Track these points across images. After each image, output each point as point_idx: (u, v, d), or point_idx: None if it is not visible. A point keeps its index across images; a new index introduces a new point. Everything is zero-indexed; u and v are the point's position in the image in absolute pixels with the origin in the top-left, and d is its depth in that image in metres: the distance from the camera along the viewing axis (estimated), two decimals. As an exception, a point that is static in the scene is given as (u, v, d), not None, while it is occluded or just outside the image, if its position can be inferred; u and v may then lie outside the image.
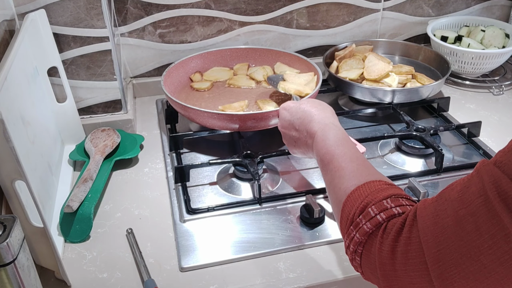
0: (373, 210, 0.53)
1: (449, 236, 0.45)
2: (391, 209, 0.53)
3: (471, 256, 0.44)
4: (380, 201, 0.53)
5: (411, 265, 0.48)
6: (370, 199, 0.54)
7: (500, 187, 0.42)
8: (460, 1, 1.39)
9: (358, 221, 0.54)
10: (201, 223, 0.84)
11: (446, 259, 0.45)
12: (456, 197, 0.46)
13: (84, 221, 0.81)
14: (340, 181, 0.60)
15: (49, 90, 0.97)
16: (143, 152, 1.03)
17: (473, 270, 0.44)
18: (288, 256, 0.77)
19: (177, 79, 1.16)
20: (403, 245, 0.49)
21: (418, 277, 0.48)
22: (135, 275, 0.75)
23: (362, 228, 0.53)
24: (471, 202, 0.44)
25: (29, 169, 0.73)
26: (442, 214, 0.46)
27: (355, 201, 0.56)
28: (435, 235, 0.46)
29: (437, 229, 0.46)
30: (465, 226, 0.44)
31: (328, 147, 0.66)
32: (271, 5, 1.24)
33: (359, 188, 0.56)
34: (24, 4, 0.91)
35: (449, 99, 1.15)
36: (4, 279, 0.57)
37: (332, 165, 0.64)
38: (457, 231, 0.45)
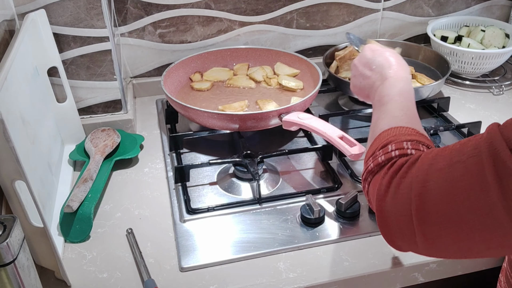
0: (392, 147, 0.58)
1: (437, 178, 0.49)
2: (407, 149, 0.57)
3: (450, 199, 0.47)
4: (401, 142, 0.58)
5: (399, 198, 0.52)
6: (394, 139, 0.60)
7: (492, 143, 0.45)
8: (460, 1, 1.39)
9: (377, 154, 0.59)
10: (201, 223, 0.84)
11: (428, 197, 0.49)
12: (457, 147, 0.50)
13: (84, 221, 0.81)
14: (382, 121, 0.66)
15: (49, 90, 0.97)
16: (143, 152, 1.03)
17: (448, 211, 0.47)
18: (288, 256, 0.77)
19: (177, 79, 1.16)
20: (398, 178, 0.53)
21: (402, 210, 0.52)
22: (135, 275, 0.75)
23: (377, 159, 0.59)
24: (466, 152, 0.48)
25: (29, 169, 0.73)
26: (440, 159, 0.50)
27: (382, 138, 0.61)
28: (426, 174, 0.50)
29: (430, 169, 0.50)
30: (453, 171, 0.47)
31: (390, 92, 0.71)
32: (271, 5, 1.24)
33: (391, 129, 0.62)
34: (24, 4, 0.91)
35: (449, 99, 1.15)
36: (4, 279, 0.57)
37: (385, 108, 0.69)
38: (445, 175, 0.48)
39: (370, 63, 0.79)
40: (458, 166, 0.47)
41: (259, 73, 1.18)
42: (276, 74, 1.18)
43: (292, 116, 0.95)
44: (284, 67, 1.19)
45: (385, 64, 0.77)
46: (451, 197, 0.47)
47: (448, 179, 0.48)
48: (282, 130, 0.98)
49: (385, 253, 0.78)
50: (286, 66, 1.19)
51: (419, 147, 0.58)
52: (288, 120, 0.94)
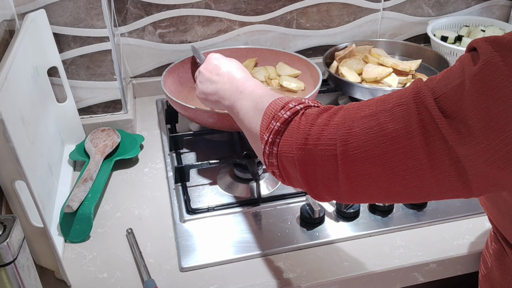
0: (293, 103, 0.60)
1: (362, 124, 0.52)
2: (309, 103, 0.60)
3: (375, 143, 0.50)
4: (299, 99, 0.61)
5: (323, 141, 0.54)
6: (290, 99, 0.61)
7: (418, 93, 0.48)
8: (460, 1, 1.39)
9: (280, 114, 0.60)
10: (201, 223, 0.84)
11: (353, 140, 0.52)
12: (382, 97, 0.53)
13: (84, 221, 0.81)
14: (263, 98, 0.66)
15: (49, 90, 0.97)
16: (143, 152, 1.03)
17: (373, 154, 0.50)
18: (288, 256, 0.77)
19: (177, 79, 1.16)
20: (321, 125, 0.55)
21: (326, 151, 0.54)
22: (135, 275, 0.75)
23: (282, 117, 0.59)
24: (391, 101, 0.51)
25: (29, 169, 0.73)
26: (365, 108, 0.53)
27: (277, 103, 0.61)
28: (351, 121, 0.53)
29: (355, 117, 0.53)
30: (379, 118, 0.50)
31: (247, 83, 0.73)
32: (271, 5, 1.24)
33: (280, 98, 0.63)
34: (24, 4, 0.91)
35: (449, 99, 1.15)
36: (4, 279, 0.57)
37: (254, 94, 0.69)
38: (370, 122, 0.51)
39: (217, 68, 0.81)
40: (384, 114, 0.50)
41: (261, 73, 1.18)
42: (278, 75, 1.18)
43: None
44: (286, 67, 1.19)
45: (232, 68, 0.79)
46: (376, 141, 0.50)
47: (373, 126, 0.50)
48: (282, 130, 0.98)
49: (385, 253, 0.78)
50: (288, 67, 1.19)
51: (319, 104, 0.61)
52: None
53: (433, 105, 0.47)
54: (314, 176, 0.56)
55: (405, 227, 0.82)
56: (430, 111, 0.47)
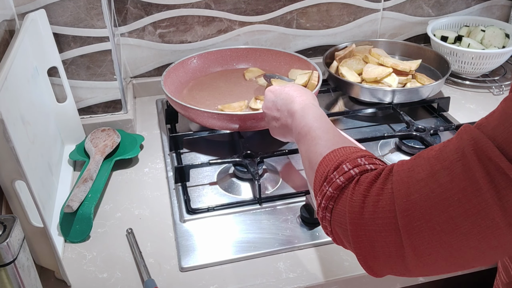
0: (347, 166, 0.54)
1: (421, 188, 0.46)
2: (365, 165, 0.54)
3: (440, 208, 0.45)
4: (355, 159, 0.55)
5: (380, 213, 0.49)
6: (345, 158, 0.56)
7: (476, 144, 0.44)
8: (460, 1, 1.39)
9: (332, 177, 0.55)
10: (201, 223, 0.84)
11: (415, 209, 0.46)
12: (434, 154, 0.47)
13: (84, 221, 0.81)
14: (316, 147, 0.62)
15: (49, 90, 0.97)
16: (143, 152, 1.03)
17: (440, 221, 0.45)
18: (288, 256, 0.77)
19: (177, 79, 1.16)
20: (374, 195, 0.50)
21: (386, 225, 0.48)
22: (135, 275, 0.75)
23: (335, 182, 0.54)
24: (447, 158, 0.46)
25: (29, 169, 0.73)
26: (418, 169, 0.48)
27: (330, 161, 0.57)
28: (407, 187, 0.47)
29: (411, 181, 0.47)
30: (438, 179, 0.45)
31: (306, 121, 0.69)
32: (271, 5, 1.24)
33: (334, 151, 0.58)
34: (24, 4, 0.91)
35: (449, 99, 1.15)
36: (4, 279, 0.57)
37: (309, 136, 0.66)
38: (430, 184, 0.46)
39: (275, 104, 0.80)
40: (443, 173, 0.45)
41: None
42: None
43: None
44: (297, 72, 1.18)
45: (288, 99, 0.77)
46: (441, 205, 0.45)
47: (435, 188, 0.45)
48: (282, 130, 0.98)
49: (385, 253, 0.78)
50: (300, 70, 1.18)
51: (374, 161, 0.55)
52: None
53: (498, 155, 0.42)
54: (373, 253, 0.50)
55: (405, 227, 0.82)
56: (497, 162, 0.42)
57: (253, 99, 1.07)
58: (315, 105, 0.74)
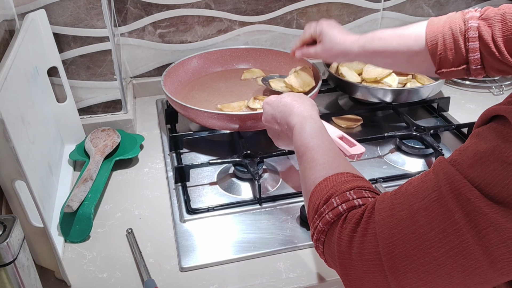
0: (336, 200, 0.55)
1: (402, 229, 0.47)
2: (353, 200, 0.54)
3: (423, 249, 0.45)
4: (344, 192, 0.56)
5: (366, 255, 0.49)
6: (334, 190, 0.56)
7: (453, 183, 0.44)
8: (460, 1, 1.39)
9: (322, 211, 0.56)
10: (201, 223, 0.84)
11: (398, 251, 0.47)
12: (412, 192, 0.48)
13: (84, 221, 0.81)
14: (310, 172, 0.63)
15: (49, 90, 0.97)
16: (143, 152, 1.03)
17: (423, 262, 0.45)
18: (288, 256, 0.77)
19: (177, 79, 1.16)
20: (360, 236, 0.50)
21: (372, 267, 0.49)
22: (135, 275, 0.75)
23: (325, 217, 0.55)
24: (425, 197, 0.46)
25: (29, 169, 0.73)
26: (398, 207, 0.48)
27: (321, 191, 0.58)
28: (389, 228, 0.48)
29: (392, 221, 0.48)
30: (418, 220, 0.46)
31: (303, 140, 0.69)
32: (271, 5, 1.24)
33: (326, 180, 0.59)
34: (24, 4, 0.91)
35: (449, 99, 1.15)
36: (4, 279, 0.57)
37: (306, 157, 0.66)
38: (410, 225, 0.46)
39: (274, 117, 0.79)
40: (422, 214, 0.46)
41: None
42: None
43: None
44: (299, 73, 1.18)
45: (286, 112, 0.76)
46: (423, 246, 0.45)
47: (415, 229, 0.46)
48: (282, 130, 0.98)
49: (385, 253, 0.78)
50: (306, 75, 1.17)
51: (363, 194, 0.55)
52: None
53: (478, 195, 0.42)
54: None
55: (405, 227, 0.82)
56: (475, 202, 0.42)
57: (252, 99, 1.07)
58: (313, 117, 0.73)
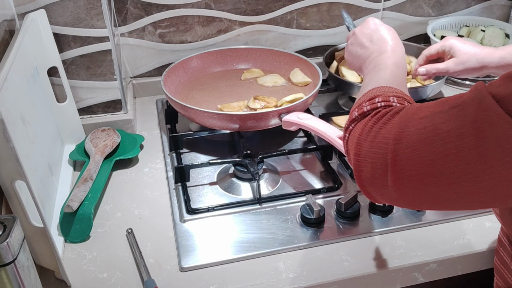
0: (379, 99, 0.60)
1: (417, 124, 0.50)
2: (392, 102, 0.59)
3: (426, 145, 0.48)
4: (388, 96, 0.60)
5: (378, 143, 0.53)
6: (381, 93, 0.61)
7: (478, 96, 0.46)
8: (460, 1, 1.39)
9: (363, 105, 0.60)
10: (201, 223, 0.84)
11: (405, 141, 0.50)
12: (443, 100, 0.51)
13: (84, 221, 0.81)
14: (372, 82, 0.67)
15: (49, 90, 0.97)
16: (143, 152, 1.03)
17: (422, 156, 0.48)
18: (288, 256, 0.77)
19: (177, 79, 1.16)
20: (380, 124, 0.54)
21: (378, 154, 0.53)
22: (135, 275, 0.75)
23: (362, 109, 0.60)
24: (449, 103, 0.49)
25: (29, 169, 0.73)
26: (424, 108, 0.52)
27: (370, 93, 0.62)
28: (407, 120, 0.51)
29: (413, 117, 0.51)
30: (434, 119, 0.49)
31: (386, 62, 0.72)
32: (271, 5, 1.24)
33: (381, 87, 0.63)
34: (24, 4, 0.91)
35: (449, 99, 1.15)
36: (4, 279, 0.57)
37: (378, 73, 0.70)
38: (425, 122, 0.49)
39: (372, 34, 0.79)
40: (440, 115, 0.49)
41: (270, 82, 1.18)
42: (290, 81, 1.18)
43: (292, 116, 0.95)
44: (299, 74, 1.18)
45: (386, 39, 0.77)
46: (427, 142, 0.48)
47: (427, 126, 0.49)
48: (282, 130, 0.98)
49: (385, 253, 0.78)
50: (301, 74, 1.18)
51: (404, 102, 0.59)
52: (288, 120, 0.94)
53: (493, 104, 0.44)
54: (366, 174, 0.55)
55: (405, 227, 0.82)
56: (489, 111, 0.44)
57: (252, 99, 1.07)
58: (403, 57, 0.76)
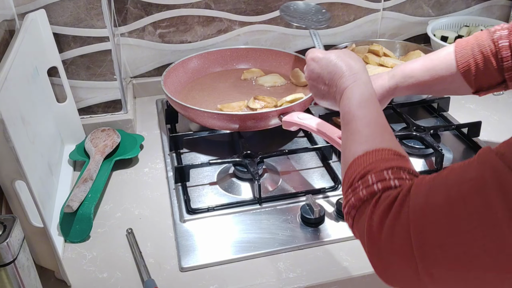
0: (372, 178, 0.54)
1: (437, 217, 0.45)
2: (389, 180, 0.53)
3: (457, 240, 0.44)
4: (381, 171, 0.54)
5: (397, 240, 0.48)
6: (372, 167, 0.55)
7: (500, 177, 0.42)
8: (460, 1, 1.39)
9: (356, 186, 0.55)
10: (201, 223, 0.84)
11: (431, 239, 0.46)
12: (453, 178, 0.46)
13: (84, 221, 0.81)
14: (352, 144, 0.61)
15: (49, 90, 0.97)
16: (143, 152, 1.03)
17: (457, 253, 0.44)
18: (288, 256, 0.77)
19: (177, 79, 1.16)
20: (391, 219, 0.49)
21: (402, 252, 0.48)
22: (135, 275, 0.75)
23: (358, 193, 0.54)
24: (467, 187, 0.44)
25: (29, 169, 0.73)
26: (435, 193, 0.46)
27: (358, 166, 0.57)
28: (423, 214, 0.46)
29: (427, 208, 0.46)
30: (455, 209, 0.44)
31: (350, 107, 0.66)
32: (271, 5, 1.24)
33: (366, 154, 0.57)
34: (24, 4, 0.91)
35: (449, 99, 1.15)
36: (4, 279, 0.57)
37: (350, 126, 0.64)
38: (446, 213, 0.45)
39: (322, 77, 0.75)
40: (460, 203, 0.44)
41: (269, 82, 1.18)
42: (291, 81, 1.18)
43: (292, 116, 0.95)
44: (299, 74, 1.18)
45: (337, 74, 0.72)
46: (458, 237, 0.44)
47: (451, 219, 0.44)
48: (282, 130, 0.98)
49: (385, 253, 0.78)
50: (301, 74, 1.17)
51: (401, 175, 0.54)
52: (288, 120, 0.94)
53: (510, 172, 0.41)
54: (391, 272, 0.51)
55: (405, 227, 0.82)
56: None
57: (252, 99, 1.07)
58: (364, 81, 0.69)
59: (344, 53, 0.75)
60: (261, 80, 1.18)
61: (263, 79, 1.18)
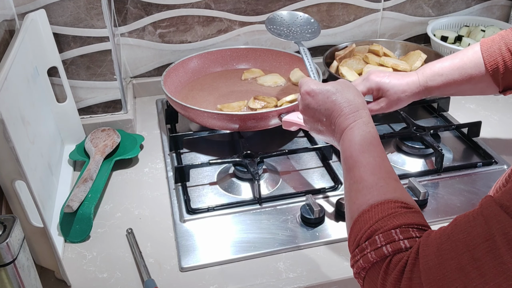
0: (380, 239, 0.52)
1: (451, 282, 0.44)
2: (399, 241, 0.51)
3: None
4: (389, 230, 0.52)
5: None
6: (379, 226, 0.53)
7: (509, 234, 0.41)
8: (460, 1, 1.39)
9: (364, 247, 0.53)
10: (201, 223, 0.84)
11: None
12: (460, 238, 0.45)
13: (84, 221, 0.81)
14: (356, 195, 0.58)
15: (49, 90, 0.97)
16: (143, 152, 1.03)
17: None
18: (288, 256, 0.77)
19: (177, 79, 1.16)
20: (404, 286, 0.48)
21: None
22: (135, 275, 0.75)
23: (367, 256, 0.52)
24: (476, 246, 0.43)
25: (29, 169, 0.73)
26: (445, 256, 0.45)
27: (365, 223, 0.54)
28: (437, 279, 0.45)
29: (440, 271, 0.45)
30: (469, 273, 0.43)
31: (352, 152, 0.63)
32: (271, 5, 1.24)
33: (372, 208, 0.55)
34: (24, 4, 0.91)
35: (449, 99, 1.15)
36: (4, 279, 0.57)
37: (353, 173, 0.61)
38: (460, 277, 0.44)
39: (318, 113, 0.70)
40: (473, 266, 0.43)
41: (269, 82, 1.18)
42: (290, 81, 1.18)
43: (292, 116, 0.95)
44: (299, 74, 1.18)
45: (334, 112, 0.67)
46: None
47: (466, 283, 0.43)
48: (282, 130, 0.98)
49: (385, 253, 0.78)
50: (302, 74, 1.17)
51: (410, 234, 0.51)
52: (288, 120, 0.94)
53: None
54: None
55: (405, 227, 0.82)
56: None
57: (252, 99, 1.07)
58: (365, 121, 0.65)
59: (342, 86, 0.70)
60: (261, 80, 1.18)
61: (263, 79, 1.18)
